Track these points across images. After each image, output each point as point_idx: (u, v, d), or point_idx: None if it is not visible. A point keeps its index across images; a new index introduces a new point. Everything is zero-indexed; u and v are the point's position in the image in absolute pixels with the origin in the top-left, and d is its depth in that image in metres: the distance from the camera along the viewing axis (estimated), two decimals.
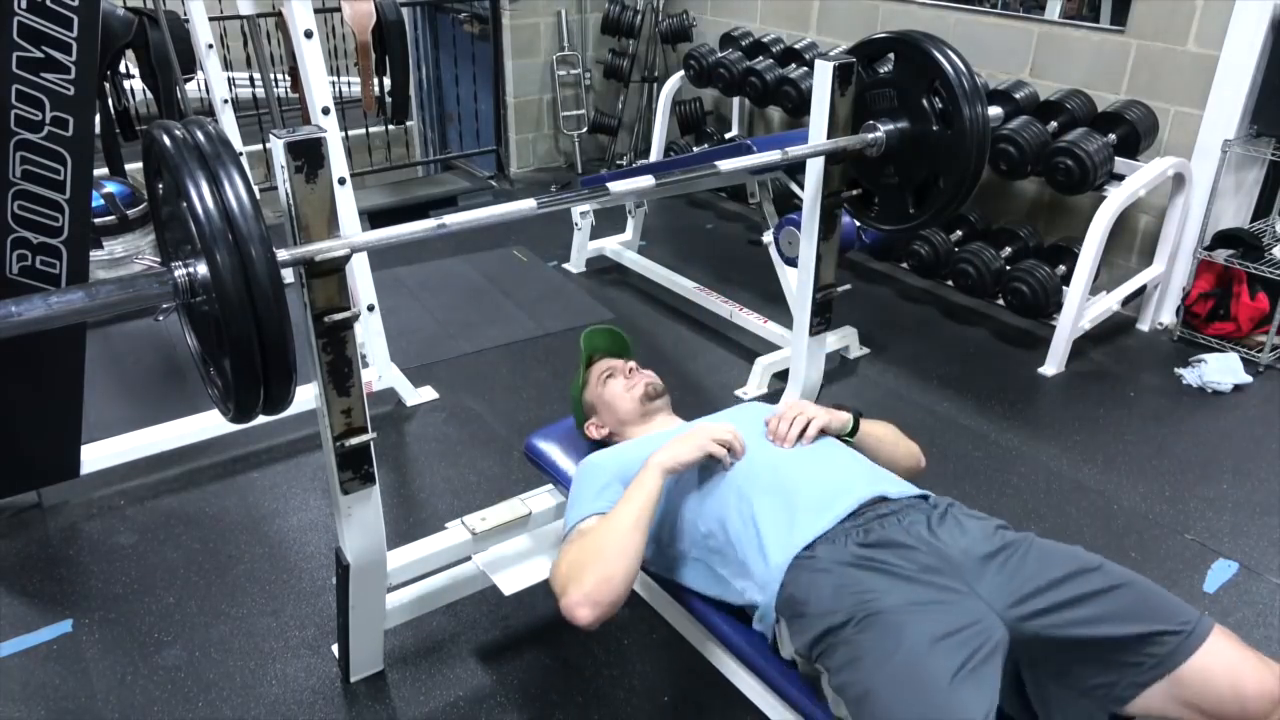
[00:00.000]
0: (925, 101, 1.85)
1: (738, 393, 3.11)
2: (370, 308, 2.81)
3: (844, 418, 1.72)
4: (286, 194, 1.36)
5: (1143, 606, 1.29)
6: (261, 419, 1.37)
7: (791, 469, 1.58)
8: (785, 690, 1.50)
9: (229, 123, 3.64)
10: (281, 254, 1.31)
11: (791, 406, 1.70)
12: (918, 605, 1.28)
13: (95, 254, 3.54)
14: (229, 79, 3.72)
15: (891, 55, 1.95)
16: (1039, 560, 1.35)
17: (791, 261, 3.22)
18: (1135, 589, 1.32)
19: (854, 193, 2.07)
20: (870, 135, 1.91)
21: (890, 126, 1.90)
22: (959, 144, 1.82)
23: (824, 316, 2.13)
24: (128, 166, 3.62)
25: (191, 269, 1.26)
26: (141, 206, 3.82)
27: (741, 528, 1.52)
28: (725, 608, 1.60)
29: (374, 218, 4.41)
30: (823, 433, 1.68)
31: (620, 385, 1.91)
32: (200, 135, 1.25)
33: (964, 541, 1.39)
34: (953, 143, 1.83)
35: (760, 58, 4.32)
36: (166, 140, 1.24)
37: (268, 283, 1.21)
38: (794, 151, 1.85)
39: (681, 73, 4.63)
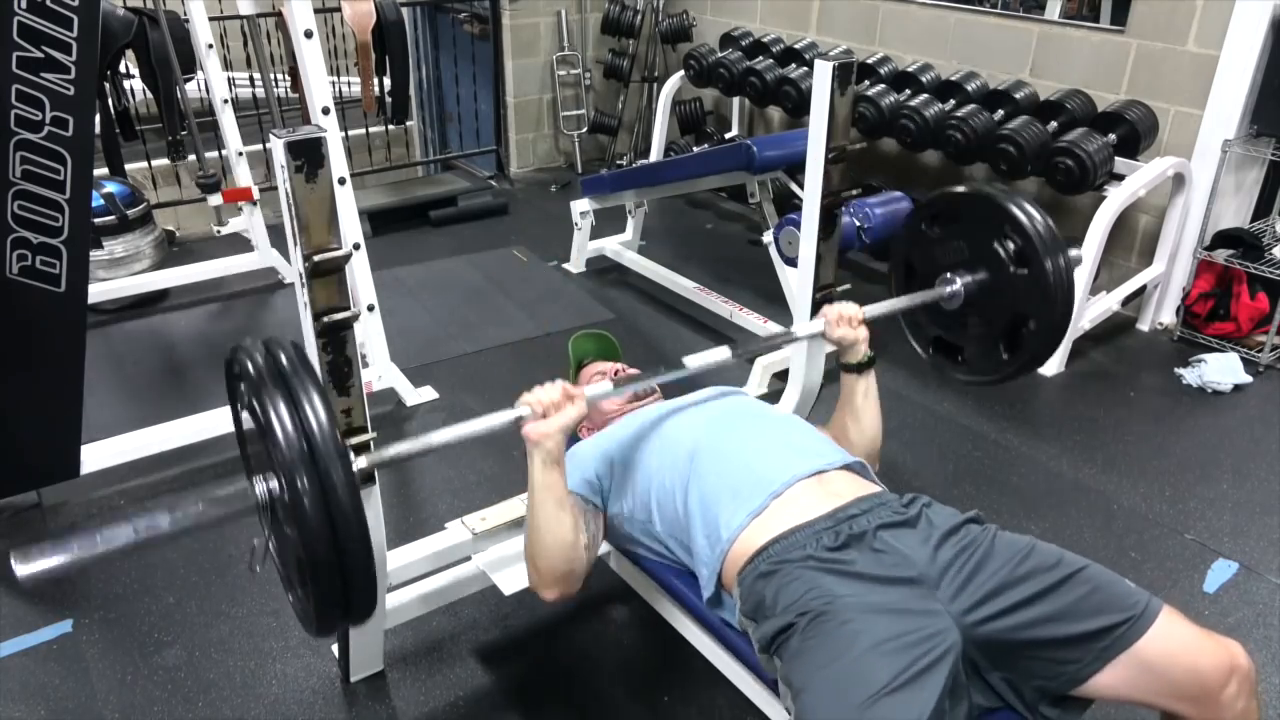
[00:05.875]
0: (998, 246, 1.82)
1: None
2: (370, 308, 2.80)
3: (864, 345, 1.84)
4: (286, 194, 1.36)
5: (1094, 599, 1.31)
6: None
7: (738, 450, 1.59)
8: None
9: (229, 123, 3.64)
10: (359, 461, 1.33)
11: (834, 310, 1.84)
12: (872, 609, 1.30)
13: (95, 254, 3.55)
14: (229, 79, 3.73)
15: (957, 211, 1.95)
16: (996, 560, 1.37)
17: (791, 261, 3.22)
18: (1087, 580, 1.34)
19: (854, 192, 2.06)
20: (947, 289, 1.90)
21: (967, 278, 1.88)
22: (1042, 280, 1.78)
23: None
24: (128, 166, 3.63)
25: (273, 487, 1.26)
26: (142, 206, 3.82)
27: (690, 507, 1.55)
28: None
29: (374, 218, 4.41)
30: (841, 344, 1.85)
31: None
32: (283, 358, 1.27)
33: (928, 547, 1.39)
34: (1035, 280, 1.79)
35: (760, 58, 4.32)
36: (249, 364, 1.26)
37: (349, 507, 1.20)
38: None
39: (681, 73, 4.63)
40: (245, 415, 1.37)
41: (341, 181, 2.48)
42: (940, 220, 1.96)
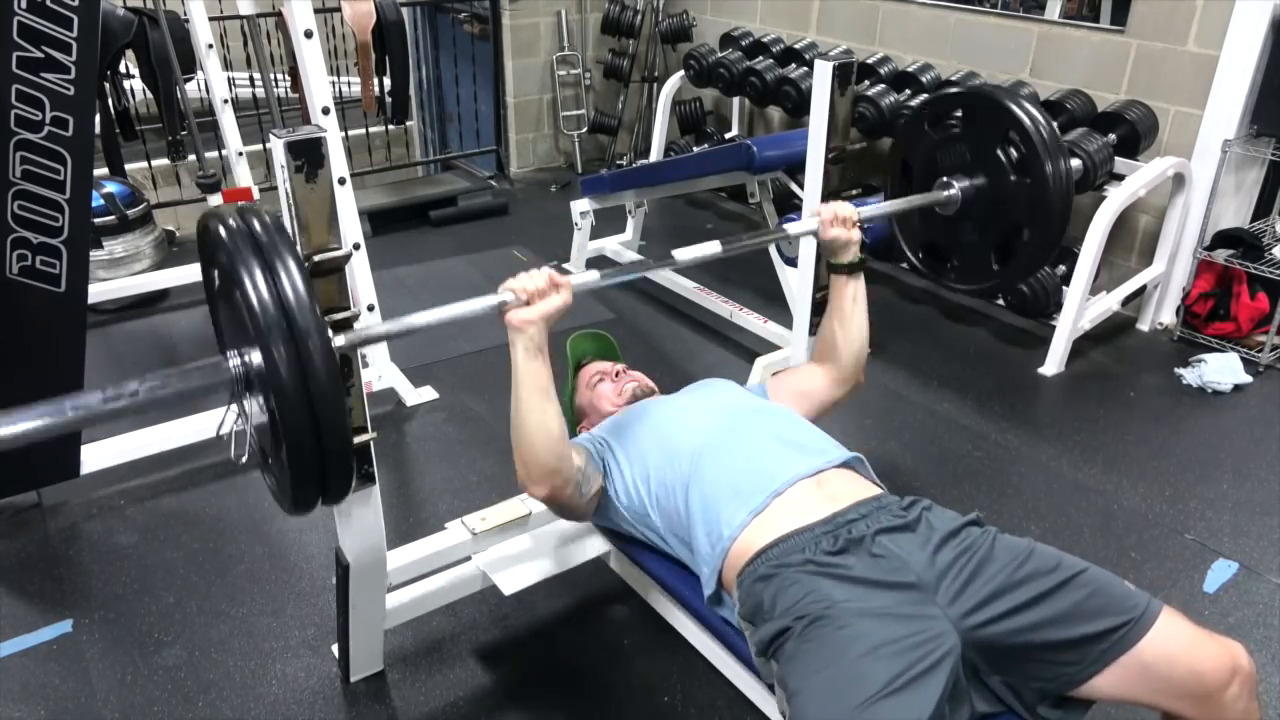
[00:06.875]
0: (1000, 153, 1.80)
1: None
2: (370, 308, 2.80)
3: (856, 247, 1.80)
4: (286, 194, 1.36)
5: (1094, 602, 1.31)
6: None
7: (739, 449, 1.59)
8: None
9: (229, 123, 3.64)
10: (338, 340, 1.28)
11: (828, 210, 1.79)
12: (869, 614, 1.30)
13: (95, 254, 3.55)
14: (229, 79, 3.72)
15: (959, 111, 1.92)
16: (995, 564, 1.36)
17: (791, 261, 3.22)
18: (1086, 583, 1.33)
19: (854, 192, 2.06)
20: (944, 193, 1.86)
21: (965, 183, 1.84)
22: (1041, 192, 1.75)
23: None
24: (128, 166, 3.63)
25: (247, 359, 1.23)
26: (142, 206, 3.82)
27: (691, 505, 1.56)
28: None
29: (374, 218, 4.41)
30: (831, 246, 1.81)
31: (609, 388, 1.92)
32: (256, 224, 1.23)
33: (926, 551, 1.39)
34: (1034, 192, 1.77)
35: (760, 58, 4.32)
36: (221, 230, 1.22)
37: (325, 376, 1.18)
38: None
39: (681, 73, 4.63)
40: (219, 285, 1.32)
41: (341, 181, 2.48)
42: (942, 121, 1.91)
